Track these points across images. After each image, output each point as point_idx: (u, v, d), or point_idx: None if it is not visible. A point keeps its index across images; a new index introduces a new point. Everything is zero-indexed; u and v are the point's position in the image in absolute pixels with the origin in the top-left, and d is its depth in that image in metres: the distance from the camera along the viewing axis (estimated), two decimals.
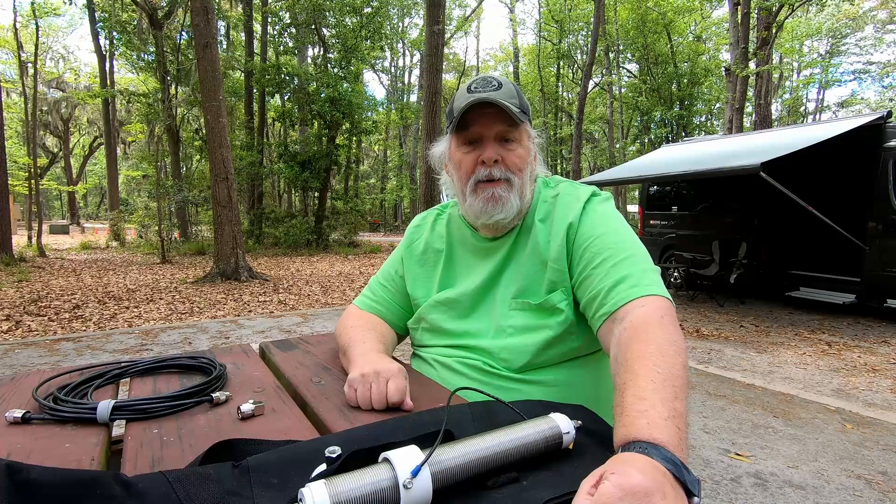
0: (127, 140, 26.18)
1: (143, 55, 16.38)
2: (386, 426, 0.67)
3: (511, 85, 0.96)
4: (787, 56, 23.30)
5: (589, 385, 0.95)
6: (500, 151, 0.95)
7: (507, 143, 0.96)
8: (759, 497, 2.03)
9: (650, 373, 0.66)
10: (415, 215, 11.34)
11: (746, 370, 3.85)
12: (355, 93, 15.85)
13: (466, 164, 0.97)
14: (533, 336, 0.93)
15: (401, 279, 1.13)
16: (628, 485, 0.47)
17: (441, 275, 1.06)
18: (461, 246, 1.07)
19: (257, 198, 17.27)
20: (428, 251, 1.10)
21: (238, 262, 8.37)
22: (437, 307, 1.03)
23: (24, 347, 4.31)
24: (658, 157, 8.05)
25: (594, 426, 0.68)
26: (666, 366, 0.67)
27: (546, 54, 27.93)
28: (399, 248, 1.16)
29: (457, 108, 0.95)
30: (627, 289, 0.82)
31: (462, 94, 0.96)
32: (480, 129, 0.94)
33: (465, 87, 0.97)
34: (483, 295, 1.00)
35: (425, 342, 1.06)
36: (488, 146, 0.94)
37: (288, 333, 4.95)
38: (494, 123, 0.94)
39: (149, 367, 1.00)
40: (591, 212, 0.96)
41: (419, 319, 1.06)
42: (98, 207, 45.44)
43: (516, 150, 0.96)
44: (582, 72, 21.11)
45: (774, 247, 6.73)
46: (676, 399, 0.63)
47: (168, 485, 0.51)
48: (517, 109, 0.93)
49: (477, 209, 0.96)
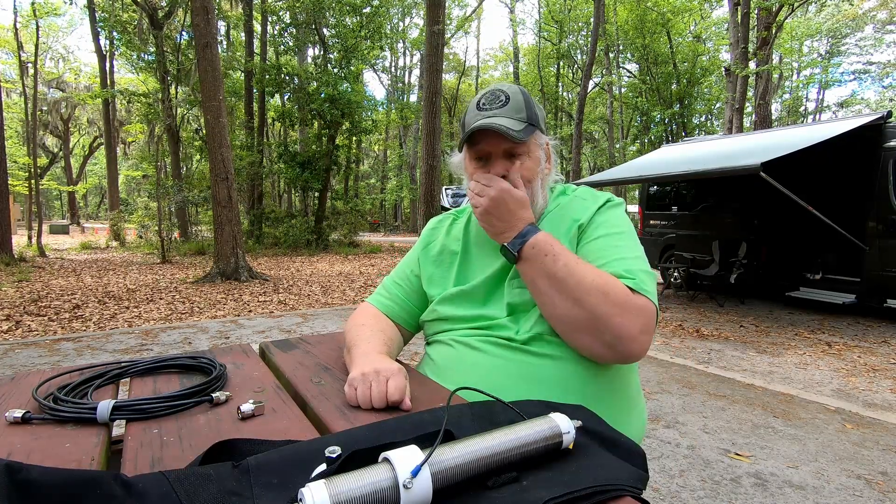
0: (127, 140, 26.20)
1: (143, 55, 16.37)
2: (386, 426, 0.67)
3: (521, 96, 1.00)
4: (787, 56, 23.31)
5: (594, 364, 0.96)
6: (507, 166, 0.99)
7: (515, 158, 1.00)
8: (759, 497, 2.03)
9: (582, 262, 0.90)
10: (415, 215, 11.36)
11: (746, 370, 3.85)
12: (355, 92, 15.85)
13: None
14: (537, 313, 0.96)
15: (416, 278, 1.15)
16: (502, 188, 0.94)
17: (456, 274, 1.09)
18: (477, 245, 1.11)
19: (257, 198, 17.26)
20: (444, 252, 1.13)
21: (238, 262, 8.37)
22: (452, 300, 1.05)
23: (24, 347, 4.31)
24: (658, 157, 8.05)
25: (594, 426, 0.69)
26: (591, 276, 0.87)
27: (546, 54, 27.95)
28: (415, 249, 1.20)
29: (466, 124, 1.00)
30: (626, 278, 0.89)
31: (472, 110, 1.01)
32: (487, 146, 1.00)
33: (474, 103, 1.02)
34: (496, 284, 1.03)
35: (443, 328, 1.07)
36: (496, 163, 1.00)
37: (288, 333, 4.95)
38: (501, 141, 0.98)
39: (149, 367, 1.00)
40: (602, 213, 1.02)
41: (433, 311, 1.08)
42: (98, 207, 45.47)
43: (524, 164, 1.00)
44: (582, 72, 21.11)
45: (774, 247, 6.73)
46: (566, 263, 0.88)
47: (168, 485, 0.51)
48: (521, 126, 0.97)
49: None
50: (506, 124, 0.95)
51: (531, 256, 0.91)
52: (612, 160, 22.78)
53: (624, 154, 24.05)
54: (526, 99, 1.00)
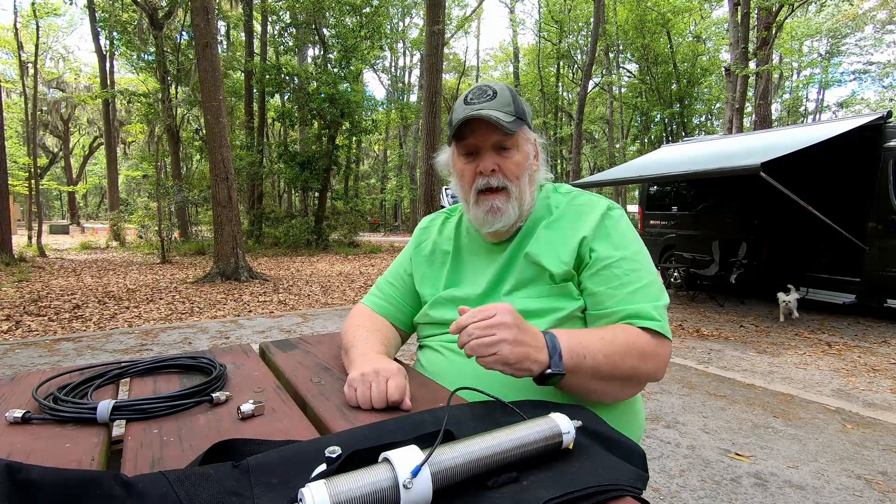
0: (127, 140, 26.18)
1: (143, 55, 16.38)
2: (386, 426, 0.67)
3: (507, 91, 0.99)
4: (787, 56, 23.29)
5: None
6: (496, 160, 0.98)
7: (504, 151, 0.99)
8: (759, 497, 2.03)
9: (605, 335, 0.85)
10: (415, 215, 11.32)
11: (746, 370, 3.85)
12: (355, 92, 15.85)
13: (467, 175, 1.01)
14: (542, 322, 0.94)
15: (409, 277, 1.15)
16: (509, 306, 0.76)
17: (448, 274, 1.09)
18: (468, 248, 1.10)
19: (257, 198, 17.26)
20: (436, 252, 1.13)
21: (238, 262, 8.37)
22: (445, 304, 1.05)
23: (24, 347, 4.31)
24: (658, 157, 8.05)
25: (594, 426, 0.68)
26: (619, 345, 0.84)
27: (546, 54, 27.94)
28: (407, 249, 1.20)
29: (454, 120, 0.98)
30: (644, 318, 0.89)
31: (459, 105, 0.99)
32: (476, 140, 0.98)
33: (462, 99, 1.00)
34: (489, 295, 1.02)
35: (434, 332, 1.07)
36: (486, 156, 0.98)
37: (288, 333, 4.95)
38: (490, 134, 0.97)
39: (149, 367, 1.00)
40: (606, 226, 0.98)
41: (426, 314, 1.08)
42: (98, 207, 45.45)
43: (513, 158, 0.99)
44: (582, 72, 21.11)
45: (774, 247, 6.73)
46: (603, 355, 0.81)
47: (168, 485, 0.51)
48: (510, 118, 0.95)
49: (479, 219, 1.00)
50: (495, 115, 0.94)
51: (574, 367, 0.79)
52: (612, 160, 22.77)
53: (624, 154, 24.04)
54: (512, 94, 0.99)
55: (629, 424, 0.97)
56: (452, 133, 0.98)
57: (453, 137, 1.00)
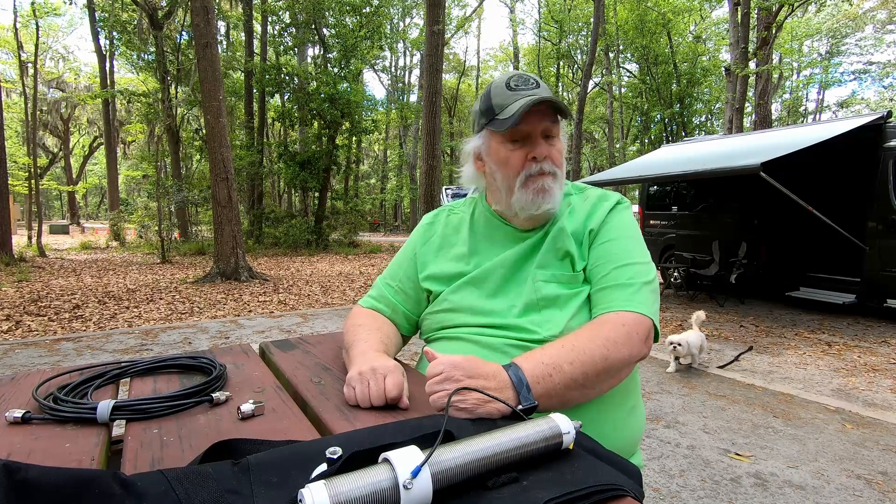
0: (127, 140, 26.18)
1: (143, 55, 16.36)
2: (387, 429, 0.67)
3: (543, 82, 1.01)
4: (787, 56, 23.30)
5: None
6: (546, 148, 0.99)
7: (551, 139, 1.00)
8: (759, 497, 2.03)
9: (567, 341, 0.83)
10: (415, 215, 11.25)
11: (746, 370, 3.85)
12: (355, 92, 15.84)
13: (514, 161, 0.99)
14: (563, 310, 0.96)
15: (408, 279, 1.12)
16: (457, 359, 0.73)
17: (465, 253, 1.07)
18: (486, 237, 1.08)
19: (257, 198, 17.26)
20: (444, 245, 1.11)
21: (238, 262, 8.37)
22: (462, 287, 1.02)
23: (24, 347, 4.31)
24: (658, 157, 8.05)
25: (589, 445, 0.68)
26: (582, 345, 0.82)
27: (546, 54, 27.95)
28: (409, 248, 1.15)
29: (504, 105, 0.96)
30: (619, 300, 0.91)
31: (502, 92, 0.98)
32: (528, 126, 0.97)
33: (502, 84, 0.98)
34: (511, 275, 1.02)
35: (455, 322, 1.02)
36: (538, 143, 0.98)
37: (288, 333, 4.95)
38: (541, 121, 0.97)
39: (149, 367, 1.00)
40: (612, 216, 1.02)
41: (443, 300, 1.04)
42: (98, 207, 45.44)
43: (557, 145, 1.01)
44: (582, 72, 21.12)
45: (774, 247, 6.73)
46: (568, 363, 0.79)
47: (167, 484, 0.51)
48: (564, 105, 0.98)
49: (526, 201, 0.99)
50: (556, 100, 0.95)
51: (545, 392, 0.77)
52: (612, 160, 22.79)
53: (624, 154, 24.05)
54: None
55: (629, 425, 0.97)
56: (517, 118, 0.93)
57: (509, 124, 0.94)
